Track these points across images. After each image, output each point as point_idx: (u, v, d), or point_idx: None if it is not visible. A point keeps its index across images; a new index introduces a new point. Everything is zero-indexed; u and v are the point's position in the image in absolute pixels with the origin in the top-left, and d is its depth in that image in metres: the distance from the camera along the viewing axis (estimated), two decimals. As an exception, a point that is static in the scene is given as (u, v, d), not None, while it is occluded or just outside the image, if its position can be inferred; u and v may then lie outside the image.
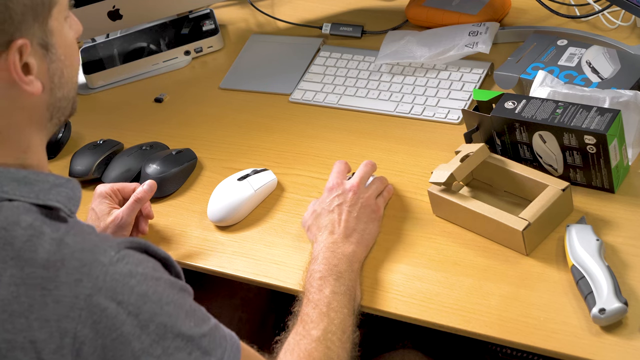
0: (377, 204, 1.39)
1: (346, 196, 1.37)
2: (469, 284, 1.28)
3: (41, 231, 0.97)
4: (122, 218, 1.41)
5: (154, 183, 1.44)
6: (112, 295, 0.95)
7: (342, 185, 1.39)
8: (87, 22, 1.22)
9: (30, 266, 0.95)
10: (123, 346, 0.95)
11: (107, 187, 1.45)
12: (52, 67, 1.04)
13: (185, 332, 0.98)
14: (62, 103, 1.07)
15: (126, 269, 0.97)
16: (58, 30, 1.04)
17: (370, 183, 1.41)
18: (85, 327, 0.94)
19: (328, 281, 1.27)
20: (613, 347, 1.16)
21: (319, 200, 1.40)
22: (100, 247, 0.98)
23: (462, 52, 1.63)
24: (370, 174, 1.43)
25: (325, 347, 1.20)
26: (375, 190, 1.40)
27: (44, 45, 1.02)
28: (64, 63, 1.05)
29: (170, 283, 1.01)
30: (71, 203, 1.04)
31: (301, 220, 1.43)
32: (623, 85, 1.43)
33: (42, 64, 1.03)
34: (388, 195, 1.43)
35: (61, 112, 1.07)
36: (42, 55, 1.02)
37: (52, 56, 1.03)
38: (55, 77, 1.04)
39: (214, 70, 1.81)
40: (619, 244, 1.28)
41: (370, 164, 1.43)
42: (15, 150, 1.03)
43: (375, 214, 1.38)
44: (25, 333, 0.94)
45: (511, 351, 1.53)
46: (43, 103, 1.04)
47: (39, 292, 0.95)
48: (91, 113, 1.79)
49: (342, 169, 1.43)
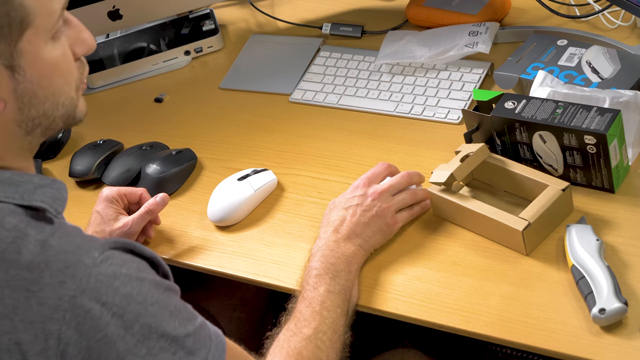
0: (395, 218, 1.35)
1: (365, 199, 1.35)
2: (469, 284, 1.28)
3: (25, 233, 0.97)
4: (130, 226, 1.41)
5: (166, 197, 1.44)
6: (96, 296, 0.95)
7: (366, 187, 1.36)
8: (87, 22, 1.22)
9: (14, 268, 0.95)
10: (108, 347, 0.95)
11: (114, 191, 1.44)
12: (19, 88, 1.01)
13: (170, 333, 0.98)
14: (42, 120, 1.04)
15: (110, 270, 0.97)
16: (32, 52, 1.01)
17: (398, 194, 1.37)
18: (69, 328, 0.94)
19: (324, 279, 1.26)
20: (613, 347, 1.16)
21: (343, 194, 1.38)
22: (84, 249, 0.97)
23: (462, 52, 1.63)
24: (404, 185, 1.37)
25: (315, 346, 1.20)
26: (398, 203, 1.36)
27: (9, 67, 1.00)
28: (38, 84, 1.02)
29: (155, 283, 1.00)
30: (57, 203, 1.03)
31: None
32: (623, 85, 1.43)
33: (7, 84, 1.00)
34: (419, 211, 1.38)
35: (44, 126, 1.05)
36: (7, 76, 1.00)
37: (20, 77, 1.01)
38: (25, 98, 1.02)
39: (214, 70, 1.81)
40: (619, 244, 1.28)
41: (409, 175, 1.38)
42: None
43: (388, 227, 1.35)
44: (10, 335, 0.94)
45: (511, 351, 1.53)
46: (10, 120, 1.02)
47: (24, 294, 0.94)
48: (91, 113, 1.75)
49: (378, 171, 1.39)
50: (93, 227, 1.41)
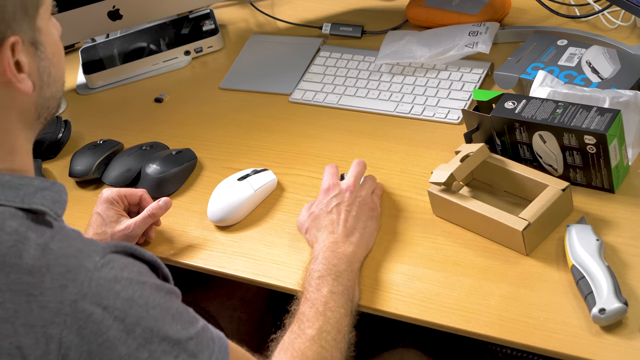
0: (374, 202, 1.40)
1: (343, 196, 1.38)
2: (469, 284, 1.28)
3: (26, 237, 0.96)
4: (132, 229, 1.41)
5: (169, 200, 1.44)
6: (97, 300, 0.95)
7: (338, 185, 1.39)
8: (87, 22, 1.22)
9: (15, 272, 0.95)
10: (109, 351, 0.95)
11: (114, 192, 1.44)
12: (41, 65, 1.03)
13: (172, 336, 0.98)
14: (50, 102, 1.06)
15: (111, 274, 0.97)
16: (45, 28, 1.04)
17: (363, 182, 1.42)
18: (70, 332, 0.94)
19: (326, 280, 1.27)
20: (613, 347, 1.16)
21: (315, 203, 1.40)
22: (84, 252, 0.97)
23: (462, 52, 1.63)
24: (363, 172, 1.43)
25: (320, 346, 1.20)
26: (369, 188, 1.41)
27: (33, 43, 1.02)
28: (52, 61, 1.05)
29: (157, 286, 1.00)
30: (57, 206, 1.03)
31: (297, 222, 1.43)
32: (623, 85, 1.43)
33: (32, 62, 1.02)
34: (380, 192, 1.44)
35: (48, 111, 1.07)
36: (32, 53, 1.02)
37: (41, 54, 1.03)
38: (44, 76, 1.04)
39: (214, 70, 1.81)
40: (619, 244, 1.28)
41: (362, 162, 1.44)
42: (1, 153, 1.03)
43: (374, 212, 1.39)
44: (12, 339, 0.94)
45: (511, 351, 1.53)
46: (32, 102, 1.04)
47: (25, 298, 0.94)
48: (91, 113, 1.79)
49: (333, 171, 1.43)
50: (94, 228, 1.41)
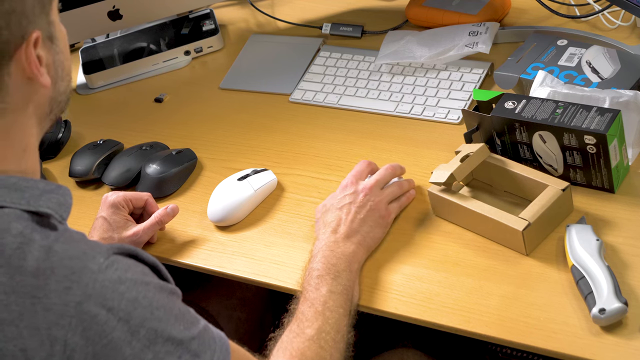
0: (388, 210, 1.38)
1: (357, 196, 1.37)
2: (469, 284, 1.28)
3: (31, 239, 0.96)
4: (140, 236, 1.41)
5: (177, 207, 1.45)
6: (102, 302, 0.95)
7: (355, 184, 1.38)
8: (87, 22, 1.22)
9: (20, 274, 0.94)
10: (114, 352, 0.95)
11: (120, 196, 1.44)
12: (56, 59, 1.04)
13: (176, 336, 0.98)
14: (62, 97, 1.07)
15: (115, 276, 0.97)
16: (57, 22, 1.04)
17: (387, 187, 1.40)
18: (75, 334, 0.94)
19: (325, 280, 1.27)
20: (613, 347, 1.16)
21: (332, 195, 1.40)
22: (89, 254, 0.97)
23: (462, 52, 1.63)
24: (390, 178, 1.41)
25: (319, 346, 1.20)
26: (388, 195, 1.38)
27: (49, 37, 1.02)
28: (64, 55, 1.05)
29: (160, 287, 1.00)
30: (62, 209, 1.03)
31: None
32: (623, 85, 1.43)
33: (49, 56, 1.02)
34: (406, 201, 1.41)
35: (59, 107, 1.07)
36: (48, 47, 1.02)
37: (56, 47, 1.03)
38: (59, 69, 1.04)
39: (214, 70, 1.81)
40: (619, 244, 1.28)
41: (392, 167, 1.41)
42: (16, 151, 1.03)
43: (383, 220, 1.37)
44: (16, 341, 0.93)
45: (511, 351, 1.53)
46: (47, 96, 1.04)
47: (29, 300, 0.94)
48: (91, 113, 1.79)
49: (362, 169, 1.41)
50: (99, 233, 1.41)
